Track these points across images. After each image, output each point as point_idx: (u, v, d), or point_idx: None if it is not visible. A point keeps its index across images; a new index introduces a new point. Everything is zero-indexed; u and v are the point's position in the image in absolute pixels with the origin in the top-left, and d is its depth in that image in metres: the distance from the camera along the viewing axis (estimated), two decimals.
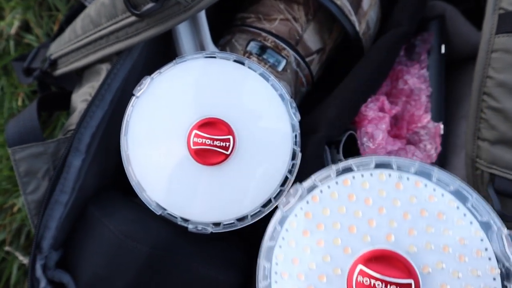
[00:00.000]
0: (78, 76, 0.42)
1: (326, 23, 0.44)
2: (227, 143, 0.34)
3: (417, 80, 0.42)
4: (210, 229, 0.35)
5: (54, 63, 0.43)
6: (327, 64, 0.47)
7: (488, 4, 0.34)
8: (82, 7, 0.44)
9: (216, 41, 0.44)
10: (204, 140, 0.34)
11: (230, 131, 0.34)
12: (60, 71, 0.42)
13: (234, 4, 0.47)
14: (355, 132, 0.40)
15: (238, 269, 0.37)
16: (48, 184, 0.35)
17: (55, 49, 0.43)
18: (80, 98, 0.37)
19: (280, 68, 0.42)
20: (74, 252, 0.37)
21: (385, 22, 0.46)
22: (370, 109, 0.39)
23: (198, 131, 0.34)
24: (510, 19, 0.33)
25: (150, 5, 0.32)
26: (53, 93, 0.44)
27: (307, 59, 0.43)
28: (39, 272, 0.35)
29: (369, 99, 0.40)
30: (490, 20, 0.34)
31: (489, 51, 0.34)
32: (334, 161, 0.39)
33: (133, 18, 0.33)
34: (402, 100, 0.43)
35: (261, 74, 0.35)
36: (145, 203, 0.35)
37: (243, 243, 0.40)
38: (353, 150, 0.41)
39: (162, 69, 0.35)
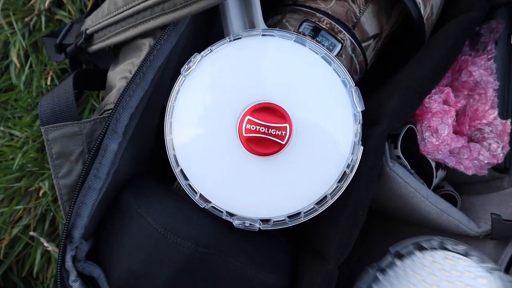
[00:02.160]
0: (113, 54, 0.39)
1: (385, 7, 0.40)
2: (283, 132, 0.30)
3: (484, 72, 0.39)
4: (258, 226, 0.32)
5: (90, 38, 0.39)
6: (384, 50, 0.43)
7: None
8: None
9: (264, 21, 0.41)
10: (258, 127, 0.30)
11: (287, 119, 0.31)
12: (96, 46, 0.39)
13: None
14: (414, 126, 0.37)
15: (284, 271, 0.34)
16: (81, 168, 0.32)
17: (92, 23, 0.39)
18: (119, 75, 0.34)
19: (334, 53, 0.38)
20: (107, 244, 0.34)
21: (447, 8, 0.42)
22: (435, 101, 0.35)
23: (251, 117, 0.30)
24: None
25: None
26: (89, 70, 0.40)
27: (363, 44, 0.39)
28: (69, 263, 0.32)
29: (433, 91, 0.36)
30: None
31: None
32: (392, 156, 0.35)
33: None
34: (464, 94, 0.40)
35: (324, 57, 0.31)
36: (188, 194, 0.32)
37: (287, 242, 0.37)
38: (410, 145, 0.37)
39: (214, 47, 0.32)
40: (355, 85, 0.32)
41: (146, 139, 0.37)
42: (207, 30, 0.40)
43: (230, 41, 0.31)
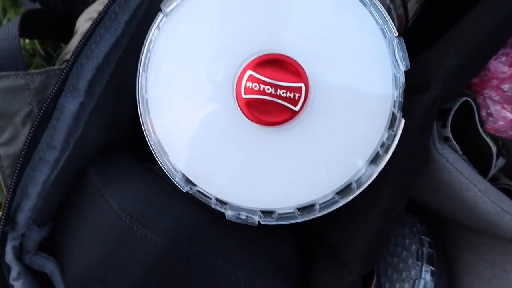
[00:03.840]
0: None
1: None
2: (297, 94, 0.22)
3: None
4: (257, 219, 0.24)
5: None
6: (425, 9, 0.34)
7: None
8: None
9: None
10: (263, 86, 0.22)
11: (302, 77, 0.22)
12: None
13: None
14: (471, 98, 0.28)
15: (292, 278, 0.26)
16: (28, 133, 0.24)
17: None
18: (86, 16, 0.26)
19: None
20: (65, 232, 0.27)
21: None
22: (503, 64, 0.26)
23: (254, 72, 0.22)
24: None
25: None
26: (47, 11, 0.32)
27: None
28: (9, 256, 0.24)
29: (500, 51, 0.27)
30: None
31: None
32: (439, 137, 0.27)
33: None
34: None
35: None
36: (167, 173, 0.24)
37: (292, 235, 0.29)
38: (462, 123, 0.29)
39: None
40: (400, 35, 0.23)
41: (124, 102, 0.29)
42: None
43: None
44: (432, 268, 0.29)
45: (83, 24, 0.26)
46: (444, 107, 0.28)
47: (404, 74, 0.23)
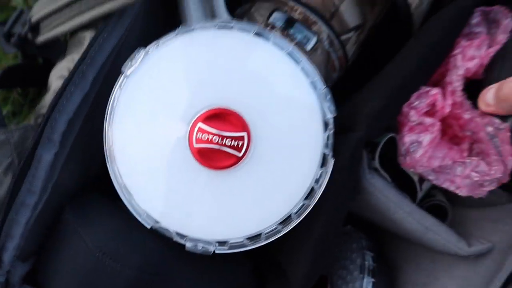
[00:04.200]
0: (65, 44, 0.34)
1: None
2: (240, 142, 0.26)
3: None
4: (212, 249, 0.28)
5: (36, 27, 0.35)
6: (365, 46, 0.39)
7: None
8: None
9: (233, 10, 0.36)
10: (211, 136, 0.26)
11: (244, 127, 0.26)
12: (43, 37, 0.34)
13: None
14: (396, 133, 0.32)
15: None
16: (11, 181, 0.28)
17: (38, 9, 0.35)
18: (57, 74, 0.29)
19: (309, 47, 0.33)
20: (46, 266, 0.30)
21: None
22: (414, 111, 0.30)
23: (203, 124, 0.26)
24: None
25: None
26: (25, 66, 0.36)
27: (342, 38, 0.35)
28: None
29: (414, 94, 0.31)
30: None
31: None
32: (370, 168, 0.31)
33: None
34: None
35: (290, 54, 0.27)
36: (133, 212, 0.27)
37: (250, 261, 0.33)
38: (392, 154, 0.33)
39: (161, 41, 0.27)
40: (327, 87, 0.27)
41: (96, 149, 0.33)
42: (168, 19, 0.36)
43: (178, 34, 0.27)
44: (374, 280, 0.33)
45: (55, 81, 0.30)
46: (374, 141, 0.32)
47: (333, 119, 0.27)
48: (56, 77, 0.29)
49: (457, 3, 0.33)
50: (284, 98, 0.27)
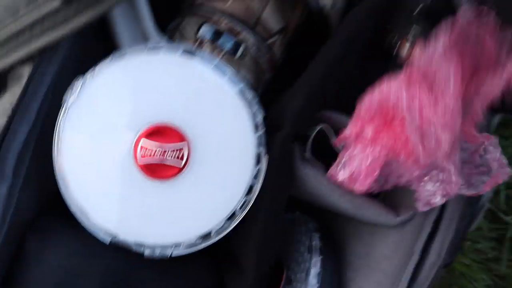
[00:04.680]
0: (3, 80, 0.35)
1: None
2: (181, 153, 0.29)
3: None
4: (169, 252, 0.30)
5: None
6: (294, 44, 0.42)
7: None
8: None
9: (165, 25, 0.38)
10: (153, 151, 0.29)
11: (183, 139, 0.29)
12: None
13: None
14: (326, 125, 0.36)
15: None
16: None
17: None
18: (1, 111, 0.31)
19: (237, 55, 0.36)
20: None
21: None
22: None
23: (145, 141, 0.29)
24: None
25: None
26: None
27: (268, 42, 0.38)
28: None
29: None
30: None
31: None
32: (303, 158, 0.35)
33: (58, 3, 0.27)
34: None
35: (216, 67, 0.30)
36: (91, 230, 0.30)
37: (207, 259, 0.36)
38: (327, 145, 0.36)
39: (97, 68, 0.29)
40: (256, 90, 0.31)
41: (49, 174, 0.34)
42: (106, 44, 0.38)
43: (112, 60, 0.29)
44: (322, 257, 0.37)
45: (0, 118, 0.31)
46: (305, 134, 0.36)
47: (263, 120, 0.31)
48: (0, 114, 0.31)
49: (365, 2, 0.36)
50: (215, 108, 0.30)
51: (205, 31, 0.36)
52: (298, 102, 0.32)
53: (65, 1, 0.27)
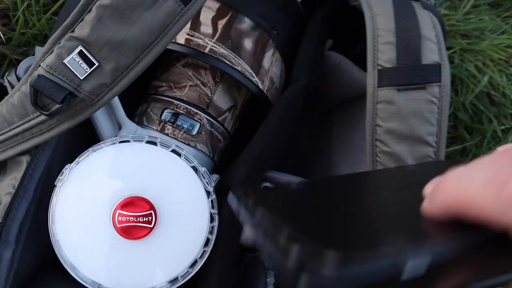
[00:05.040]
0: (3, 165, 0.43)
1: (234, 82, 0.48)
2: (150, 218, 0.37)
3: None
4: None
5: None
6: (243, 115, 0.51)
7: (368, 61, 0.39)
8: (2, 89, 0.45)
9: (135, 109, 0.47)
10: (127, 218, 0.37)
11: (151, 207, 0.37)
12: None
13: (148, 71, 0.50)
14: (271, 183, 0.45)
15: None
16: None
17: None
18: (4, 191, 0.39)
19: (194, 132, 0.45)
20: None
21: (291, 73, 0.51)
22: None
23: (121, 210, 0.37)
24: (387, 75, 0.38)
25: (56, 106, 0.34)
26: None
27: (220, 118, 0.47)
28: None
29: None
30: (371, 75, 0.39)
31: (375, 102, 0.38)
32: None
33: (43, 117, 0.36)
34: None
35: (173, 151, 0.39)
36: (80, 281, 0.37)
37: None
38: None
39: (80, 158, 0.38)
40: (211, 157, 0.39)
41: (44, 237, 0.42)
42: (87, 133, 0.46)
43: (91, 151, 0.38)
44: None
45: (3, 197, 0.39)
46: None
47: (212, 189, 0.39)
48: (4, 194, 0.39)
49: (296, 86, 0.46)
50: (174, 182, 0.38)
51: (167, 114, 0.45)
52: (243, 171, 0.41)
53: (48, 115, 0.35)
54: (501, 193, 0.18)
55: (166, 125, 0.45)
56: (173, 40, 0.44)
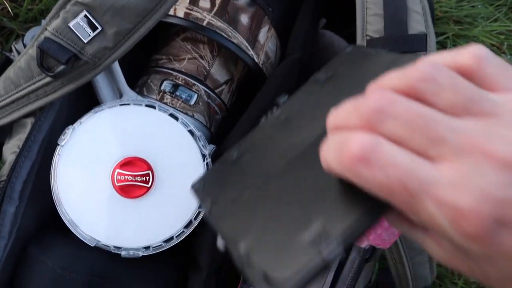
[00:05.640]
0: (9, 128, 0.45)
1: (231, 57, 0.50)
2: (147, 177, 0.39)
3: None
4: (141, 253, 0.40)
5: None
6: (240, 90, 0.53)
7: (357, 32, 0.41)
8: (8, 61, 0.47)
9: (136, 81, 0.49)
10: (126, 177, 0.39)
11: (148, 167, 0.39)
12: None
13: (149, 45, 0.52)
14: None
15: (168, 283, 0.43)
16: None
17: None
18: (10, 150, 0.41)
19: (192, 102, 0.47)
20: (21, 285, 0.41)
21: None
22: None
23: (120, 170, 0.39)
24: (375, 44, 0.40)
25: (61, 67, 0.36)
26: None
27: (217, 90, 0.49)
28: None
29: None
30: (360, 43, 0.41)
31: None
32: None
33: (48, 79, 0.38)
34: None
35: (171, 115, 0.41)
36: (80, 237, 0.39)
37: (174, 259, 0.46)
38: None
39: (83, 119, 0.40)
40: (207, 126, 0.42)
41: (46, 197, 0.44)
42: (88, 98, 0.48)
43: (93, 113, 0.40)
44: None
45: (9, 156, 0.41)
46: None
47: (208, 152, 0.41)
48: (9, 153, 0.41)
49: (290, 58, 0.48)
50: (171, 144, 0.40)
51: (166, 85, 0.47)
52: (237, 138, 0.43)
53: (53, 76, 0.37)
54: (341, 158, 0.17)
55: (165, 95, 0.47)
56: (173, 14, 0.46)
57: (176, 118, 0.41)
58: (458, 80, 0.17)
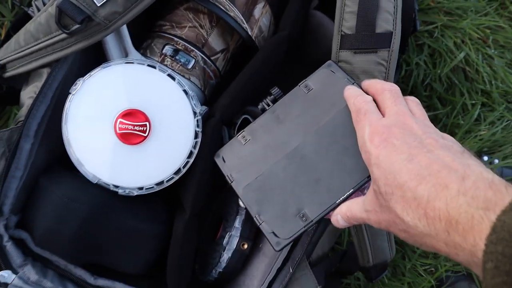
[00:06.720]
0: (26, 75, 0.51)
1: (227, 28, 0.55)
2: (145, 128, 0.45)
3: None
4: (135, 192, 0.47)
5: (3, 67, 0.52)
6: (234, 60, 0.59)
7: (335, 27, 0.45)
8: (26, 15, 0.53)
9: (141, 43, 0.55)
10: (127, 126, 0.45)
11: (146, 119, 0.46)
12: (9, 74, 0.51)
13: (155, 12, 0.57)
14: (250, 116, 0.53)
15: (158, 220, 0.50)
16: (5, 163, 0.45)
17: (3, 55, 0.52)
18: (27, 95, 0.47)
19: (189, 66, 0.53)
20: (29, 215, 0.48)
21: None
22: None
23: (122, 119, 0.45)
24: (347, 40, 0.45)
25: (76, 25, 0.42)
26: (3, 93, 0.53)
27: (213, 58, 0.55)
28: (1, 229, 0.45)
29: None
30: (336, 39, 0.45)
31: (337, 61, 0.45)
32: (230, 137, 0.51)
33: (64, 35, 0.44)
34: None
35: (169, 75, 0.46)
36: (84, 175, 0.46)
37: (164, 201, 0.53)
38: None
39: (92, 72, 0.46)
40: (201, 89, 0.48)
41: (56, 138, 0.50)
42: (98, 54, 0.54)
43: (102, 68, 0.45)
44: (243, 218, 0.53)
45: (26, 100, 0.47)
46: (234, 121, 0.52)
47: (199, 111, 0.47)
48: (27, 98, 0.47)
49: (280, 34, 0.54)
50: (167, 100, 0.46)
51: (168, 49, 0.53)
52: (226, 99, 0.49)
53: (69, 34, 0.43)
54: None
55: (166, 58, 0.52)
56: None
57: (173, 78, 0.46)
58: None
